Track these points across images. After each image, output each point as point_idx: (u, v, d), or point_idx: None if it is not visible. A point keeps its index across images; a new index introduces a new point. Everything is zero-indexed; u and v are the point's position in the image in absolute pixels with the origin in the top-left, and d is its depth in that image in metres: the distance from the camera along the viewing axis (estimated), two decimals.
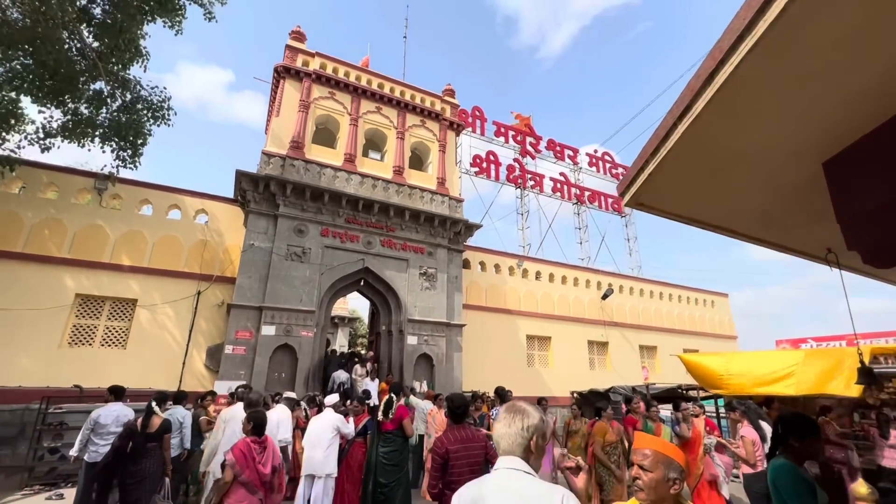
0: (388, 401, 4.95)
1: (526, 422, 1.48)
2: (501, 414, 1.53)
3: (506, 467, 1.43)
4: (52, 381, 8.96)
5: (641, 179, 1.67)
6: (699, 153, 1.54)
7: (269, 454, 3.58)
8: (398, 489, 4.65)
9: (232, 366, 9.74)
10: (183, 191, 11.67)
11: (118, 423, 5.27)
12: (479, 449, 2.86)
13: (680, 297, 20.68)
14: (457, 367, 12.55)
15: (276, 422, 4.97)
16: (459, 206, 14.05)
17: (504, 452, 1.47)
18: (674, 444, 1.57)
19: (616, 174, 22.60)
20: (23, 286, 9.32)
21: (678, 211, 1.92)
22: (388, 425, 4.88)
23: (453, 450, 2.81)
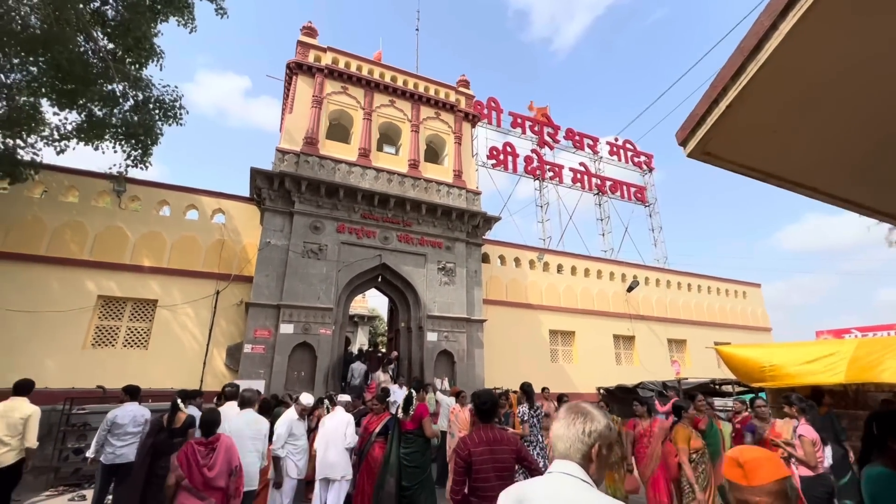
0: (408, 397, 4.67)
1: (589, 426, 1.32)
2: (561, 413, 1.38)
3: (560, 471, 1.29)
4: (77, 382, 9.02)
5: (713, 118, 1.32)
6: (797, 76, 1.18)
7: (220, 456, 3.32)
8: (421, 492, 4.37)
9: (251, 365, 9.65)
10: (199, 191, 11.66)
11: (136, 424, 5.16)
12: (507, 452, 2.54)
13: (709, 288, 19.83)
14: (478, 364, 12.22)
15: (289, 423, 4.74)
16: (477, 198, 13.70)
17: (560, 456, 1.33)
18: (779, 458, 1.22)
19: (638, 162, 21.84)
20: (46, 289, 9.42)
21: (753, 163, 1.55)
22: (409, 424, 4.60)
23: (477, 452, 2.50)
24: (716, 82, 1.28)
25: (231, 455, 3.41)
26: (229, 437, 3.56)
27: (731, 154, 1.50)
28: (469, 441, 2.55)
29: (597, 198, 20.34)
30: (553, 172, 18.98)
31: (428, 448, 4.70)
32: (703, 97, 1.35)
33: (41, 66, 8.56)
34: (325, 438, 4.71)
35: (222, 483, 3.29)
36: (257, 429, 4.22)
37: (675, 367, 13.45)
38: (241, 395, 4.49)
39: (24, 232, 9.57)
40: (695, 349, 18.09)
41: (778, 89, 1.21)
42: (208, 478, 3.23)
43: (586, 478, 1.25)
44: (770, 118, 1.33)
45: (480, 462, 2.45)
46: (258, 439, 4.18)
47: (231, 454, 3.42)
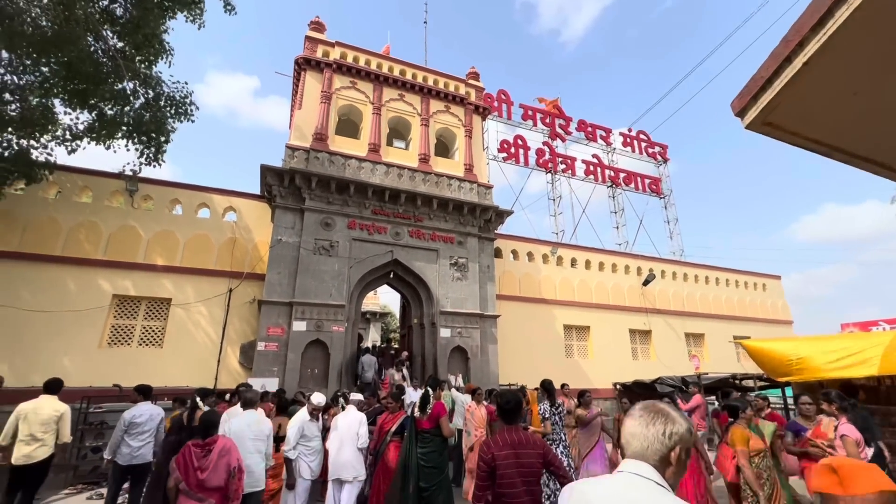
0: (425, 396, 4.53)
1: (670, 428, 1.24)
2: (637, 411, 1.32)
3: (632, 472, 1.22)
4: (94, 381, 9.09)
5: (783, 80, 1.13)
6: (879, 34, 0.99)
7: (215, 458, 3.25)
8: (439, 493, 4.24)
9: (265, 363, 9.63)
10: (211, 189, 11.66)
11: (153, 422, 5.13)
12: (534, 457, 2.38)
13: (728, 280, 19.36)
14: (492, 360, 12.07)
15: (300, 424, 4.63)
16: (489, 192, 13.49)
17: (635, 455, 1.26)
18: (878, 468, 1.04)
19: (652, 153, 21.37)
20: (62, 288, 9.49)
21: (821, 134, 1.35)
22: (425, 423, 4.47)
23: (501, 456, 2.34)
24: (790, 35, 1.08)
25: (228, 457, 3.33)
26: (228, 439, 3.49)
27: (798, 124, 1.31)
28: (492, 444, 2.39)
29: (610, 190, 19.96)
30: (565, 165, 18.66)
31: (445, 448, 4.57)
32: (771, 56, 1.15)
33: (52, 67, 8.59)
34: (339, 438, 4.60)
35: (218, 483, 3.23)
36: (259, 430, 4.13)
37: (694, 361, 13.13)
38: (242, 396, 4.43)
39: (39, 232, 9.65)
40: (713, 343, 17.69)
41: (870, 40, 1.01)
42: (201, 480, 3.19)
43: (661, 480, 1.18)
44: (854, 77, 1.14)
45: (505, 467, 2.29)
46: (260, 440, 4.10)
47: (228, 456, 3.33)
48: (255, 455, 4.02)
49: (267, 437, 4.19)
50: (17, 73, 8.80)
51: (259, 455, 4.06)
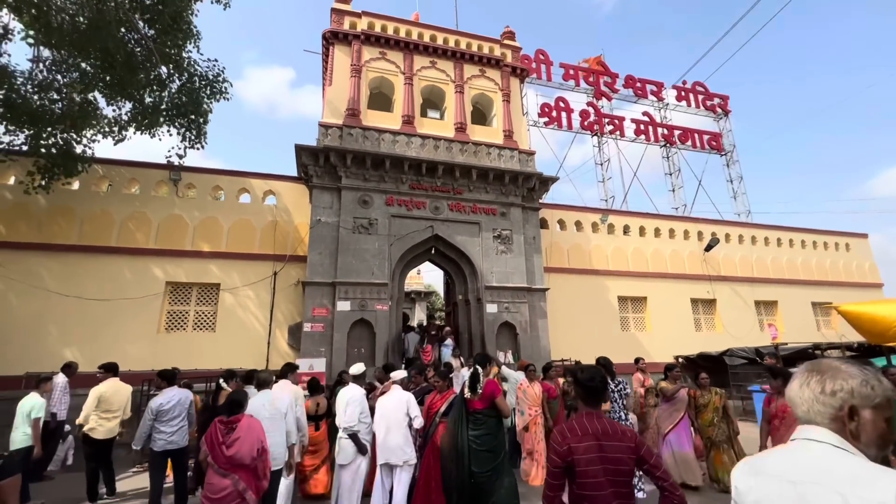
0: (474, 374, 4.09)
1: (830, 384, 1.08)
2: (798, 372, 1.19)
3: (804, 437, 1.10)
4: (155, 365, 9.38)
5: None
6: None
7: (241, 436, 3.33)
8: (497, 478, 3.81)
9: (312, 343, 9.61)
10: (250, 174, 11.68)
11: (182, 407, 4.99)
12: (623, 450, 1.85)
13: (804, 242, 17.42)
14: (542, 335, 11.48)
15: (346, 402, 4.35)
16: (531, 159, 12.66)
17: (803, 421, 1.13)
18: None
19: (711, 106, 19.39)
20: (119, 278, 9.87)
21: None
22: (478, 403, 4.03)
23: (581, 449, 1.84)
24: None
25: (252, 435, 3.37)
26: (253, 419, 3.53)
27: None
28: (568, 433, 1.88)
29: (664, 150, 18.36)
30: (613, 126, 17.28)
31: (501, 429, 4.12)
32: None
33: (91, 62, 8.70)
34: (385, 420, 4.28)
35: (242, 460, 3.30)
36: (274, 409, 4.15)
37: (771, 331, 11.86)
38: (256, 377, 4.47)
39: (95, 225, 10.04)
40: (788, 311, 16.09)
41: None
42: (227, 456, 3.26)
43: (841, 443, 1.04)
44: None
45: (587, 462, 1.78)
46: (276, 419, 4.11)
47: (252, 434, 3.38)
48: (275, 434, 4.00)
49: (283, 416, 4.16)
50: (61, 71, 9.02)
51: (278, 434, 4.06)
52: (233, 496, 3.25)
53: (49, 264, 9.49)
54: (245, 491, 3.28)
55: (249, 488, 3.30)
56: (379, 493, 4.10)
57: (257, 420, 3.60)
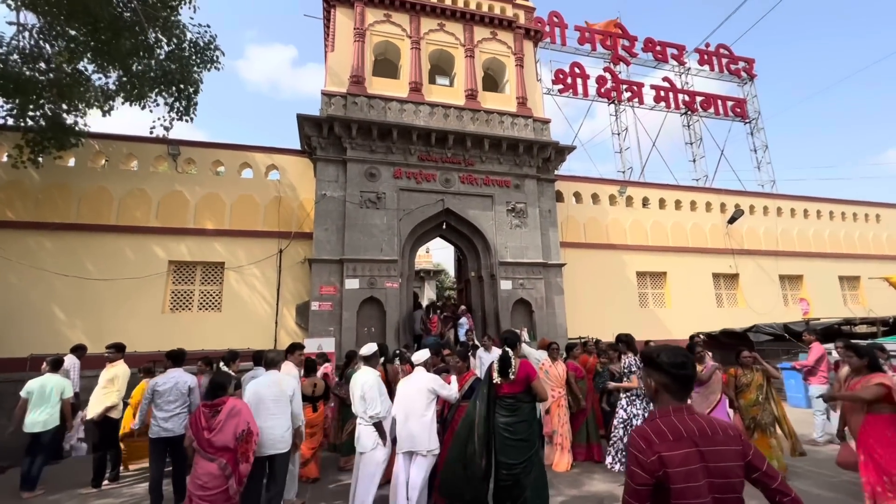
0: (504, 356, 3.64)
1: None
2: None
3: None
4: (161, 346, 9.13)
5: None
6: None
7: (223, 419, 3.25)
8: (531, 470, 3.41)
9: (320, 322, 9.27)
10: (251, 147, 11.15)
11: (178, 393, 4.58)
12: (732, 457, 1.36)
13: (832, 213, 16.58)
14: (559, 312, 11.04)
15: (360, 388, 3.96)
16: (546, 128, 11.95)
17: None
18: None
19: (736, 70, 18.27)
20: (121, 257, 9.54)
21: None
22: (511, 387, 3.59)
23: (678, 460, 1.33)
24: None
25: (237, 418, 3.30)
26: (238, 401, 3.45)
27: None
28: (655, 437, 1.38)
29: (685, 118, 17.40)
30: (631, 92, 16.34)
31: (535, 416, 3.70)
32: None
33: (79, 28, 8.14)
34: (404, 407, 3.87)
35: (226, 443, 3.24)
36: (279, 390, 3.94)
37: (802, 305, 11.30)
38: (264, 357, 4.23)
39: (93, 202, 9.66)
40: (814, 286, 15.43)
41: None
42: (210, 440, 3.21)
43: None
44: None
45: (685, 477, 1.29)
46: (281, 401, 3.90)
47: (237, 417, 3.30)
48: (277, 417, 3.83)
49: (288, 398, 3.94)
50: (48, 39, 8.47)
51: (282, 417, 3.86)
52: (219, 481, 3.19)
53: (47, 244, 9.16)
54: (230, 475, 3.22)
55: (235, 473, 3.25)
56: (402, 481, 3.73)
57: (242, 402, 3.49)
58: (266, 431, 3.66)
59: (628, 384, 4.90)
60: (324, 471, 5.58)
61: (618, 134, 16.38)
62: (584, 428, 5.85)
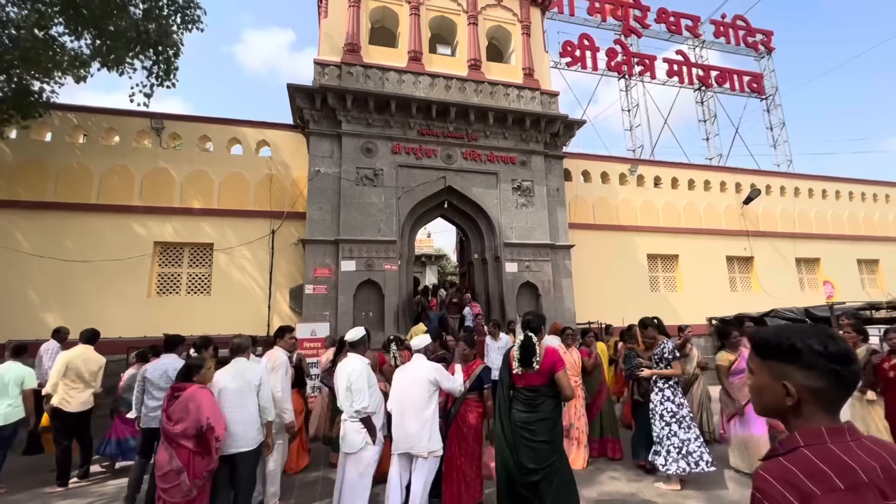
0: (527, 342, 3.08)
1: None
2: None
3: None
4: (147, 331, 8.67)
5: None
6: None
7: (180, 407, 3.00)
8: (552, 479, 2.88)
9: (315, 307, 8.73)
10: (240, 122, 10.48)
11: (168, 379, 4.21)
12: None
13: (851, 193, 15.86)
14: (567, 296, 10.48)
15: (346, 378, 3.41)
16: (554, 101, 11.22)
17: None
18: None
19: (753, 43, 17.36)
20: (102, 237, 8.98)
21: None
22: (532, 378, 3.04)
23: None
24: None
25: (197, 408, 2.98)
26: (200, 389, 3.14)
27: None
28: (810, 481, 0.79)
29: (698, 94, 16.58)
30: (643, 66, 15.51)
31: (559, 413, 3.15)
32: None
33: None
34: (400, 401, 3.33)
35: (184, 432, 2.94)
36: (245, 380, 3.48)
37: (826, 289, 10.67)
38: (231, 343, 3.74)
39: (71, 180, 9.07)
40: (832, 269, 14.78)
41: None
42: (166, 429, 3.00)
43: None
44: None
45: None
46: (247, 392, 3.45)
47: (196, 407, 2.99)
48: (241, 411, 3.39)
49: (255, 388, 3.49)
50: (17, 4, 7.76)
51: (245, 410, 3.41)
52: (171, 476, 2.92)
53: (22, 224, 8.60)
54: (181, 471, 2.91)
55: (186, 468, 2.92)
56: (396, 487, 3.21)
57: (205, 390, 3.16)
58: (228, 428, 3.22)
59: (670, 371, 4.31)
60: (314, 465, 5.11)
61: (628, 110, 15.60)
62: (598, 421, 5.35)
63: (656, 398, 4.36)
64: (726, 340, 4.88)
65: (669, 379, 4.39)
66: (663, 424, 4.22)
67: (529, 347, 3.10)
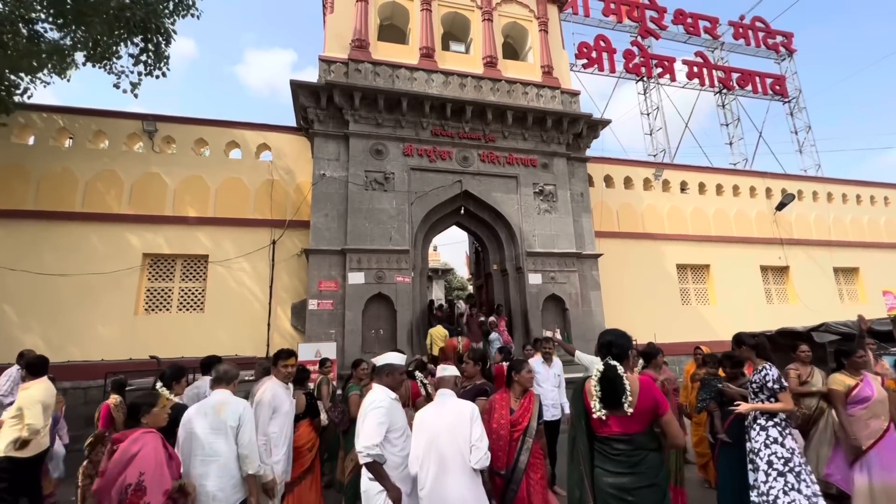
0: (610, 374, 2.20)
1: None
2: None
3: None
4: (133, 352, 7.81)
5: None
6: None
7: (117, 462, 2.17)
8: None
9: (319, 324, 7.83)
10: (240, 124, 9.75)
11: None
12: None
13: (887, 198, 14.96)
14: (596, 311, 9.56)
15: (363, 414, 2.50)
16: (575, 100, 10.48)
17: None
18: None
19: (773, 45, 16.71)
20: (87, 249, 8.16)
21: None
22: (623, 425, 2.14)
23: None
24: None
25: (128, 460, 2.17)
26: (144, 434, 2.29)
27: None
28: None
29: (718, 97, 15.86)
30: (662, 68, 14.83)
31: (665, 474, 2.23)
32: None
33: None
34: (436, 451, 2.40)
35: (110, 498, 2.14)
36: (217, 420, 2.62)
37: (887, 299, 9.66)
38: (214, 370, 2.91)
39: (55, 186, 8.29)
40: (871, 279, 13.81)
41: None
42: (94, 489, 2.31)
43: None
44: None
45: None
46: (220, 435, 2.58)
47: (129, 458, 2.17)
48: (212, 460, 2.54)
49: (231, 430, 2.62)
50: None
51: (217, 460, 2.55)
52: None
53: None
54: None
55: None
56: None
57: (151, 437, 2.28)
58: (197, 483, 2.44)
59: (779, 405, 3.37)
60: None
61: (647, 114, 14.86)
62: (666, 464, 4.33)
63: (758, 440, 3.39)
64: (845, 360, 3.93)
65: (774, 415, 3.44)
66: (774, 476, 3.25)
67: (615, 381, 2.20)
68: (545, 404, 3.76)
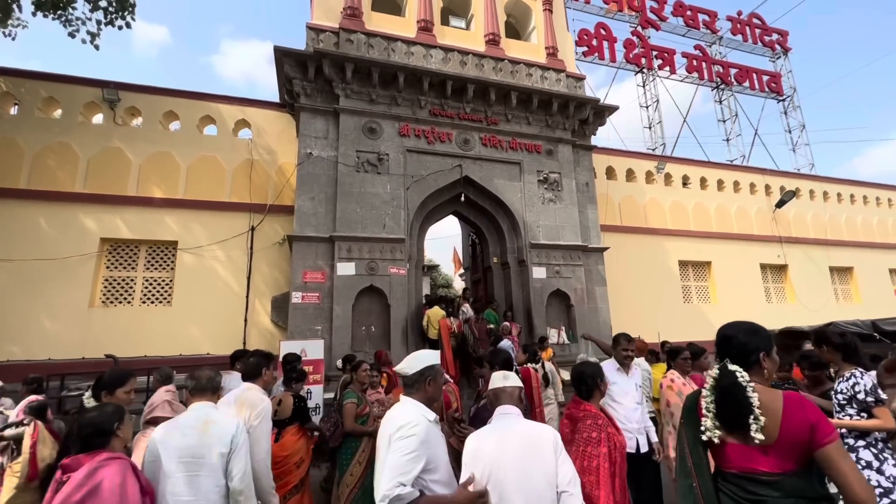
0: (729, 385, 1.54)
1: None
2: None
3: None
4: (87, 351, 6.82)
5: None
6: None
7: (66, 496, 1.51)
8: None
9: (303, 319, 6.98)
10: (216, 97, 8.80)
11: None
12: None
13: (878, 199, 14.97)
14: (602, 307, 8.99)
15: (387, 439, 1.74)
16: (580, 84, 9.89)
17: None
18: None
19: (769, 42, 16.56)
20: (34, 232, 7.10)
21: None
22: (753, 459, 1.45)
23: None
24: None
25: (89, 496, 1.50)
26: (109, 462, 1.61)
27: None
28: None
29: (716, 93, 15.60)
30: (662, 59, 14.43)
31: None
32: None
33: None
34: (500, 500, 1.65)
35: None
36: (201, 443, 1.90)
37: None
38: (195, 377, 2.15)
39: None
40: (865, 279, 13.75)
41: None
42: None
43: None
44: None
45: None
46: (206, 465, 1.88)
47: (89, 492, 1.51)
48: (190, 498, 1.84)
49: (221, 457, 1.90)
50: None
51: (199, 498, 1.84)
52: None
53: None
54: None
55: None
56: None
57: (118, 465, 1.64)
58: None
59: (875, 422, 2.78)
60: None
61: (647, 107, 14.45)
62: None
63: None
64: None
65: (867, 434, 2.84)
66: None
67: (740, 395, 1.52)
68: (627, 429, 2.95)
